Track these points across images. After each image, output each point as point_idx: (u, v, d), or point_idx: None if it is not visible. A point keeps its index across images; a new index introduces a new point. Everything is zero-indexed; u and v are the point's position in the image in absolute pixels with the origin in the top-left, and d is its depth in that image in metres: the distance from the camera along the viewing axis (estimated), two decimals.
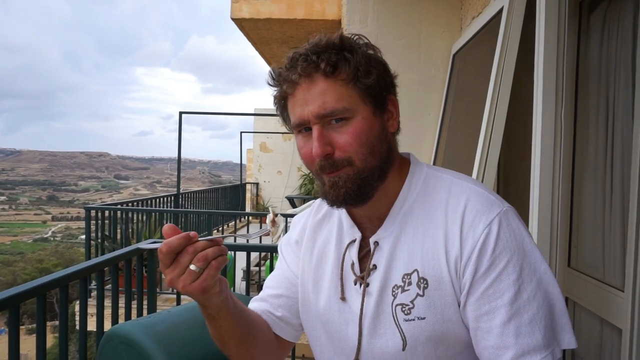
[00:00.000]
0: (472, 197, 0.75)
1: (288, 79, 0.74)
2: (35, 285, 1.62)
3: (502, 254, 0.70)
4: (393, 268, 0.77)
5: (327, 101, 0.71)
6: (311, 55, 0.72)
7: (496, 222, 0.72)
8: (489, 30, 1.96)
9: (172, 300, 4.22)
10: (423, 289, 0.74)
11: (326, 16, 3.97)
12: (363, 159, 0.73)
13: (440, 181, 0.79)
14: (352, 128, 0.72)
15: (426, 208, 0.77)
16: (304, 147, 0.76)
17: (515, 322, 0.69)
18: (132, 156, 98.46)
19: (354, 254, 0.82)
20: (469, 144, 1.93)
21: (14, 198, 66.47)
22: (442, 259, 0.73)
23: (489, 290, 0.71)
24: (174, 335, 1.20)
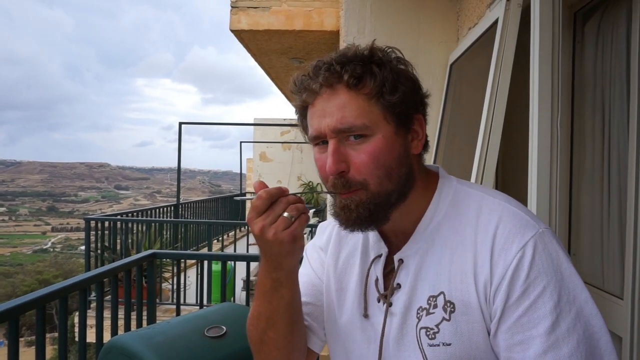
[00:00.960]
0: (505, 217, 0.69)
1: (309, 87, 0.70)
2: (34, 297, 1.62)
3: (538, 279, 0.64)
4: (418, 289, 0.72)
5: (346, 115, 0.67)
6: (335, 64, 0.68)
7: (531, 245, 0.65)
8: (485, 40, 1.99)
9: (171, 311, 4.21)
10: (450, 313, 0.69)
11: (325, 27, 4.00)
12: (378, 182, 0.69)
13: (471, 197, 0.74)
14: (370, 147, 0.68)
15: (455, 226, 0.72)
16: (319, 160, 0.73)
17: (553, 355, 0.62)
18: (132, 166, 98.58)
19: (379, 270, 0.78)
20: (467, 153, 1.94)
21: (14, 209, 66.43)
22: (471, 282, 0.68)
23: (523, 319, 0.64)
24: (173, 346, 1.20)
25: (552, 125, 1.42)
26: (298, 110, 0.76)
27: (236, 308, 1.51)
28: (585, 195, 1.58)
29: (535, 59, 1.42)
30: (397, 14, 2.62)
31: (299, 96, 0.73)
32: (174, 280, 4.33)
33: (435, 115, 2.56)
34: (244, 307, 1.55)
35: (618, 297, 1.34)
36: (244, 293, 4.29)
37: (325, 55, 0.72)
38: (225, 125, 13.95)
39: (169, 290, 4.70)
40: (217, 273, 4.12)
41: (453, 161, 2.28)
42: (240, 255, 4.40)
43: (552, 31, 1.41)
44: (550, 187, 1.41)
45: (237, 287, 4.54)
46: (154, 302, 2.49)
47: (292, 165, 10.73)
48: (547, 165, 1.41)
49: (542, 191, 1.40)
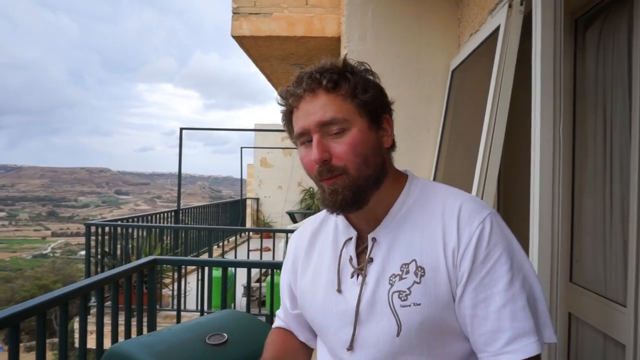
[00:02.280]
0: (466, 200, 0.84)
1: (294, 93, 0.83)
2: (35, 303, 1.62)
3: (496, 246, 0.79)
4: (390, 259, 0.84)
5: (328, 111, 0.80)
6: (315, 73, 0.82)
7: (488, 220, 0.81)
8: (487, 47, 1.99)
9: (172, 317, 4.19)
10: (420, 277, 0.81)
11: (326, 33, 4.02)
12: (357, 168, 0.81)
13: (437, 189, 0.89)
14: (348, 139, 0.81)
15: (423, 210, 0.85)
16: (305, 157, 0.84)
17: (510, 307, 0.77)
18: (132, 171, 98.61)
19: (351, 250, 0.89)
20: (469, 159, 1.93)
21: (14, 214, 66.38)
22: (440, 250, 0.81)
23: (485, 279, 0.78)
24: (175, 354, 1.19)
25: (554, 131, 1.42)
26: (285, 115, 0.88)
27: (237, 315, 1.49)
28: (587, 202, 1.58)
29: (537, 66, 1.42)
30: (398, 20, 2.62)
31: (285, 102, 0.86)
32: (174, 286, 4.31)
33: (437, 121, 2.57)
34: (246, 314, 1.54)
35: (621, 304, 1.33)
36: (244, 299, 4.27)
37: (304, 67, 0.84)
38: (227, 131, 13.94)
39: (169, 296, 4.68)
40: (217, 279, 4.11)
41: (455, 167, 2.27)
42: (241, 261, 4.39)
43: (553, 38, 1.42)
44: (553, 194, 1.41)
45: (237, 294, 4.53)
46: (154, 309, 2.48)
47: (293, 171, 10.72)
48: (550, 171, 1.41)
49: (545, 198, 1.40)
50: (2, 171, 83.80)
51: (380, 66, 2.79)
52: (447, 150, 2.44)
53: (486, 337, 0.78)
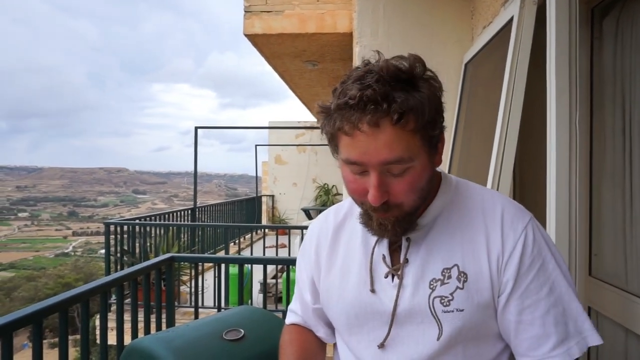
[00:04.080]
0: (506, 204, 0.83)
1: (351, 121, 0.69)
2: (57, 301, 1.66)
3: (539, 252, 0.79)
4: (430, 263, 0.81)
5: (394, 150, 0.70)
6: (381, 100, 0.68)
7: (531, 225, 0.80)
8: (501, 38, 1.96)
9: (190, 314, 4.25)
10: (463, 282, 0.79)
11: (338, 29, 4.00)
12: (413, 204, 0.76)
13: (471, 189, 0.86)
14: (410, 177, 0.73)
15: (461, 211, 0.83)
16: (353, 183, 0.76)
17: (554, 312, 0.77)
18: (149, 171, 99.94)
19: (384, 249, 0.85)
20: (483, 153, 1.92)
21: (36, 214, 67.95)
22: (483, 255, 0.79)
23: (531, 285, 0.78)
24: (192, 349, 1.21)
25: (570, 123, 1.40)
26: (328, 133, 0.75)
27: (254, 311, 1.51)
28: (606, 194, 1.55)
29: (552, 57, 1.40)
30: (410, 14, 2.60)
31: (331, 123, 0.73)
32: (191, 283, 4.37)
33: (451, 115, 2.54)
34: (262, 311, 1.56)
35: None
36: (261, 296, 4.31)
37: (356, 72, 0.73)
38: (241, 129, 14.05)
39: (187, 293, 4.75)
40: (234, 276, 4.15)
41: (469, 161, 2.25)
42: (256, 258, 4.42)
43: (568, 28, 1.39)
44: (570, 186, 1.39)
45: (254, 290, 4.57)
46: (172, 305, 2.52)
47: (308, 168, 10.74)
48: (566, 163, 1.39)
49: (562, 190, 1.38)
50: (24, 172, 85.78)
51: None
52: (461, 144, 2.42)
53: (530, 342, 0.78)
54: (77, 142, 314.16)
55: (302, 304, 1.01)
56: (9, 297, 27.43)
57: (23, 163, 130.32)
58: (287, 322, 1.08)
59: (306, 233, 1.00)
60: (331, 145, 0.77)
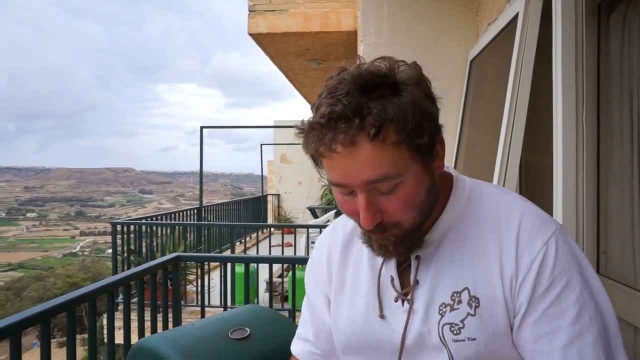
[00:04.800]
0: (526, 213, 0.71)
1: (324, 142, 0.62)
2: (65, 300, 1.67)
3: (563, 273, 0.67)
4: (440, 285, 0.72)
5: (376, 167, 0.62)
6: (352, 116, 0.59)
7: (553, 240, 0.68)
8: (506, 35, 1.95)
9: (197, 313, 4.26)
10: (474, 308, 0.70)
11: (342, 28, 4.00)
12: (412, 220, 0.68)
13: (486, 195, 0.75)
14: (402, 193, 0.65)
15: (473, 223, 0.72)
16: (344, 204, 0.69)
17: (579, 343, 0.66)
18: (155, 171, 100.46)
19: (392, 270, 0.76)
20: (489, 151, 1.91)
21: (44, 214, 68.52)
22: (496, 277, 0.69)
23: (549, 310, 0.67)
24: (198, 348, 1.22)
25: (577, 120, 1.39)
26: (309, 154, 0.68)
27: (260, 310, 1.51)
28: (614, 192, 1.54)
29: (558, 53, 1.38)
30: (414, 11, 2.59)
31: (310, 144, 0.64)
32: (198, 282, 4.39)
33: (456, 113, 2.53)
34: (268, 309, 1.56)
35: None
36: (267, 295, 4.32)
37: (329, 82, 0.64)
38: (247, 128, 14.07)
39: (193, 292, 4.77)
40: (240, 275, 4.16)
41: (475, 159, 2.24)
42: (262, 257, 4.43)
43: (575, 23, 1.38)
44: (577, 184, 1.38)
45: (260, 289, 4.58)
46: (179, 304, 2.53)
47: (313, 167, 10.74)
48: (573, 161, 1.38)
49: (568, 188, 1.37)
50: (32, 173, 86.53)
51: (397, 58, 2.76)
52: (467, 141, 2.41)
53: None
54: (83, 142, 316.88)
55: (317, 327, 0.88)
56: (19, 297, 27.71)
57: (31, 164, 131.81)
58: (296, 352, 0.93)
59: (314, 247, 0.91)
60: (315, 167, 0.69)
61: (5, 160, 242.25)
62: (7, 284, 33.35)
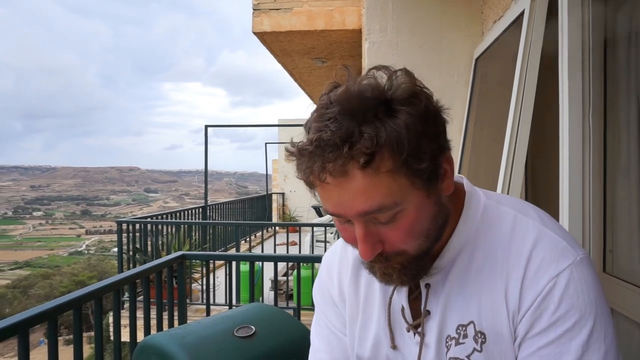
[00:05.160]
0: (540, 241, 0.63)
1: (313, 170, 0.57)
2: (71, 298, 1.68)
3: (570, 312, 0.59)
4: (447, 316, 0.67)
5: (372, 197, 0.56)
6: (341, 143, 0.54)
7: (565, 275, 0.60)
8: (512, 32, 1.94)
9: (202, 311, 4.28)
10: (481, 344, 0.65)
11: (347, 26, 3.99)
12: (417, 247, 0.62)
13: (502, 217, 0.67)
14: (403, 222, 0.59)
15: (485, 249, 0.66)
16: (343, 231, 0.64)
17: None
18: (160, 170, 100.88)
19: (403, 298, 0.71)
20: (495, 149, 1.90)
21: (50, 213, 69.02)
22: (503, 312, 0.63)
23: (543, 351, 0.60)
24: (204, 346, 1.22)
25: (583, 117, 1.38)
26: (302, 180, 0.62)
27: (265, 308, 1.52)
28: (620, 190, 1.53)
29: (565, 50, 1.38)
30: (419, 9, 2.59)
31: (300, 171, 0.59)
32: (203, 280, 4.41)
33: (461, 111, 2.52)
34: (273, 307, 1.56)
35: None
36: (272, 293, 4.33)
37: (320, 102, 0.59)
38: (251, 127, 14.13)
39: (199, 290, 4.79)
40: (245, 273, 4.18)
41: (480, 159, 2.23)
42: (267, 255, 4.44)
43: (581, 20, 1.37)
44: (583, 183, 1.37)
45: (265, 287, 4.59)
46: (184, 303, 2.54)
47: None
48: (579, 160, 1.37)
49: (575, 186, 1.36)
50: (39, 172, 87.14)
51: (402, 57, 2.78)
52: (472, 140, 2.40)
53: None
54: (90, 141, 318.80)
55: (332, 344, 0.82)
56: (25, 295, 27.96)
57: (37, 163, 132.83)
58: None
59: (322, 264, 0.85)
60: (311, 192, 0.63)
61: (12, 159, 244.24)
62: (14, 282, 33.65)
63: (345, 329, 0.80)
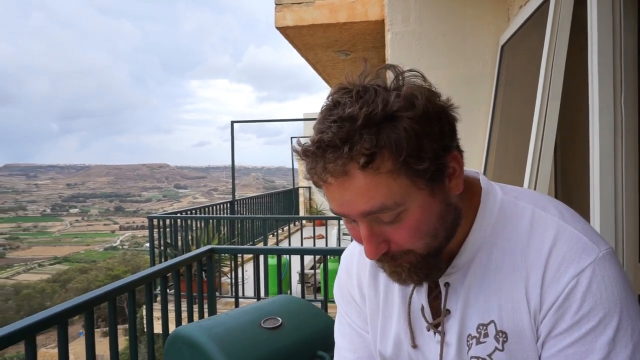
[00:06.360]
0: (560, 238, 0.62)
1: (316, 171, 0.58)
2: (106, 290, 1.75)
3: (594, 311, 0.58)
4: (468, 315, 0.67)
5: (373, 197, 0.57)
6: (341, 144, 0.55)
7: (587, 273, 0.59)
8: (539, 17, 1.89)
9: (231, 304, 4.36)
10: (502, 343, 0.64)
11: (369, 17, 3.96)
12: (425, 246, 0.62)
13: (520, 213, 0.66)
14: (407, 222, 0.60)
15: (504, 246, 0.65)
16: (352, 230, 0.65)
17: None
18: (189, 166, 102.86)
19: (423, 297, 0.71)
20: (523, 138, 1.86)
21: (86, 210, 71.49)
22: (524, 311, 0.63)
23: (568, 350, 0.59)
24: (231, 336, 1.25)
25: (615, 103, 1.33)
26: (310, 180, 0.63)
27: (291, 300, 1.54)
28: None
29: (594, 32, 1.33)
30: None
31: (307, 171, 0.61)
32: (232, 274, 4.49)
33: (487, 100, 2.47)
34: (299, 300, 1.59)
35: None
36: (300, 286, 4.38)
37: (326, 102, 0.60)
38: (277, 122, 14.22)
39: (228, 284, 4.88)
40: (273, 267, 4.23)
41: (508, 150, 2.19)
42: (294, 249, 4.47)
43: (612, 1, 1.32)
44: (615, 175, 1.33)
45: (293, 280, 4.64)
46: (213, 295, 2.60)
47: None
48: (611, 148, 1.33)
49: (606, 179, 1.32)
50: (74, 170, 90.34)
51: (425, 47, 2.74)
52: (498, 129, 2.35)
53: None
54: (122, 139, 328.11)
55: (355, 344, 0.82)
56: (64, 288, 29.16)
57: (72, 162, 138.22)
58: None
59: (341, 263, 0.85)
60: (320, 192, 0.64)
61: (49, 159, 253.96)
62: (54, 277, 35.14)
63: (367, 327, 0.80)
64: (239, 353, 1.21)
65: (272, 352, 1.27)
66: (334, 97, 0.59)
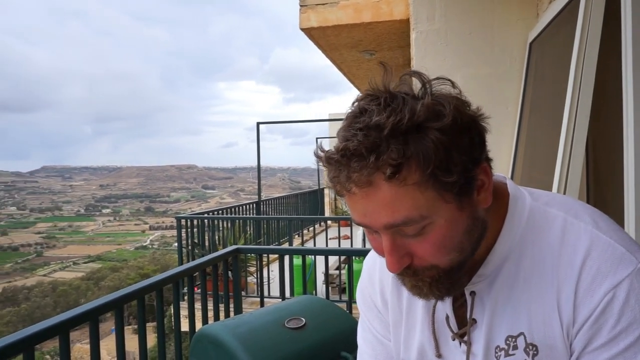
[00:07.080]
0: (594, 249, 0.59)
1: (339, 180, 0.56)
2: (135, 289, 1.81)
3: (633, 326, 0.56)
4: (495, 326, 0.65)
5: (398, 210, 0.55)
6: (367, 154, 0.53)
7: (625, 286, 0.56)
8: (569, 12, 1.83)
9: (257, 303, 4.41)
10: (532, 356, 0.62)
11: (394, 16, 3.93)
12: (449, 262, 0.60)
13: (550, 221, 0.63)
14: (432, 236, 0.58)
15: (533, 256, 0.63)
16: (372, 241, 0.63)
17: None
18: (217, 167, 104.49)
19: (447, 306, 0.70)
20: (552, 137, 1.80)
21: (117, 210, 73.64)
22: (556, 325, 0.60)
23: None
24: (255, 336, 1.27)
25: None
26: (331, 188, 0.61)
27: (315, 300, 1.55)
28: None
29: (628, 27, 1.28)
30: None
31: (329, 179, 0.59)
32: (257, 274, 4.53)
33: (516, 97, 2.42)
34: (323, 300, 1.59)
35: None
36: (325, 286, 4.38)
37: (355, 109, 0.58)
38: (302, 123, 14.31)
39: (254, 283, 4.93)
40: (298, 267, 4.25)
41: (537, 151, 2.13)
42: (319, 249, 4.48)
43: None
44: None
45: (318, 281, 4.65)
46: (239, 295, 2.63)
47: None
48: None
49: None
50: (106, 172, 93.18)
51: (451, 46, 2.70)
52: (527, 127, 2.30)
53: None
54: (152, 141, 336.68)
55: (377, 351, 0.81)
56: (97, 286, 30.13)
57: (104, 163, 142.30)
58: None
59: (364, 269, 0.84)
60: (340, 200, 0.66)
61: (83, 161, 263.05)
62: (88, 275, 36.34)
63: (389, 334, 0.79)
64: (263, 352, 1.22)
65: (295, 351, 1.28)
66: (360, 104, 0.57)
